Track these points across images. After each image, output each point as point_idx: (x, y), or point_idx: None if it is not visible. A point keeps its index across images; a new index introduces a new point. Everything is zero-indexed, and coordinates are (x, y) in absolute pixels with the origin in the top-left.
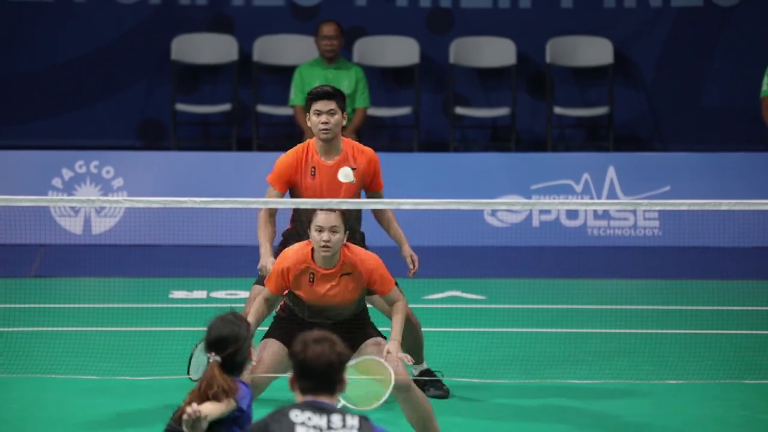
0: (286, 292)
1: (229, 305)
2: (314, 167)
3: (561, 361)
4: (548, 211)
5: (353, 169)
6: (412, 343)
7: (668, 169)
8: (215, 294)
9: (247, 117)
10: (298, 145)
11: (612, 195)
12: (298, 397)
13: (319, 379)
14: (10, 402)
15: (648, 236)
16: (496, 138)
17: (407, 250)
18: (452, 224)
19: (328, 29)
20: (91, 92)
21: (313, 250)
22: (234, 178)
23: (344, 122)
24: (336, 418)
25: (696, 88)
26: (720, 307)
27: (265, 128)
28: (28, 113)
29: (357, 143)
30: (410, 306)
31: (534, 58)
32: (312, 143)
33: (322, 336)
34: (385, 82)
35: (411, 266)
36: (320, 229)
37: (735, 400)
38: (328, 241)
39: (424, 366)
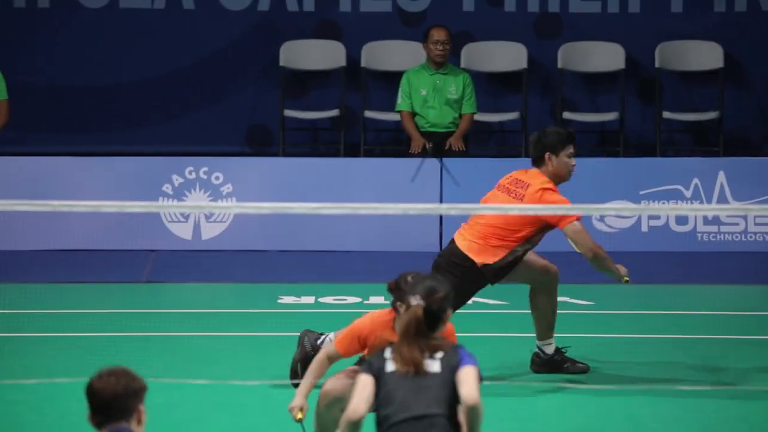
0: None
1: (337, 311)
2: None
3: (670, 367)
4: (657, 217)
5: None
6: (551, 313)
7: None
8: (323, 299)
9: (354, 122)
10: None
11: (722, 200)
12: None
13: None
14: None
15: (759, 242)
16: (604, 143)
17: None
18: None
19: (438, 34)
20: (200, 99)
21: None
22: (341, 184)
23: None
24: None
25: None
26: None
27: (373, 134)
28: (139, 120)
29: None
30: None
31: (643, 62)
32: None
33: None
34: (493, 87)
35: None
36: None
37: None
38: None
39: (553, 344)
